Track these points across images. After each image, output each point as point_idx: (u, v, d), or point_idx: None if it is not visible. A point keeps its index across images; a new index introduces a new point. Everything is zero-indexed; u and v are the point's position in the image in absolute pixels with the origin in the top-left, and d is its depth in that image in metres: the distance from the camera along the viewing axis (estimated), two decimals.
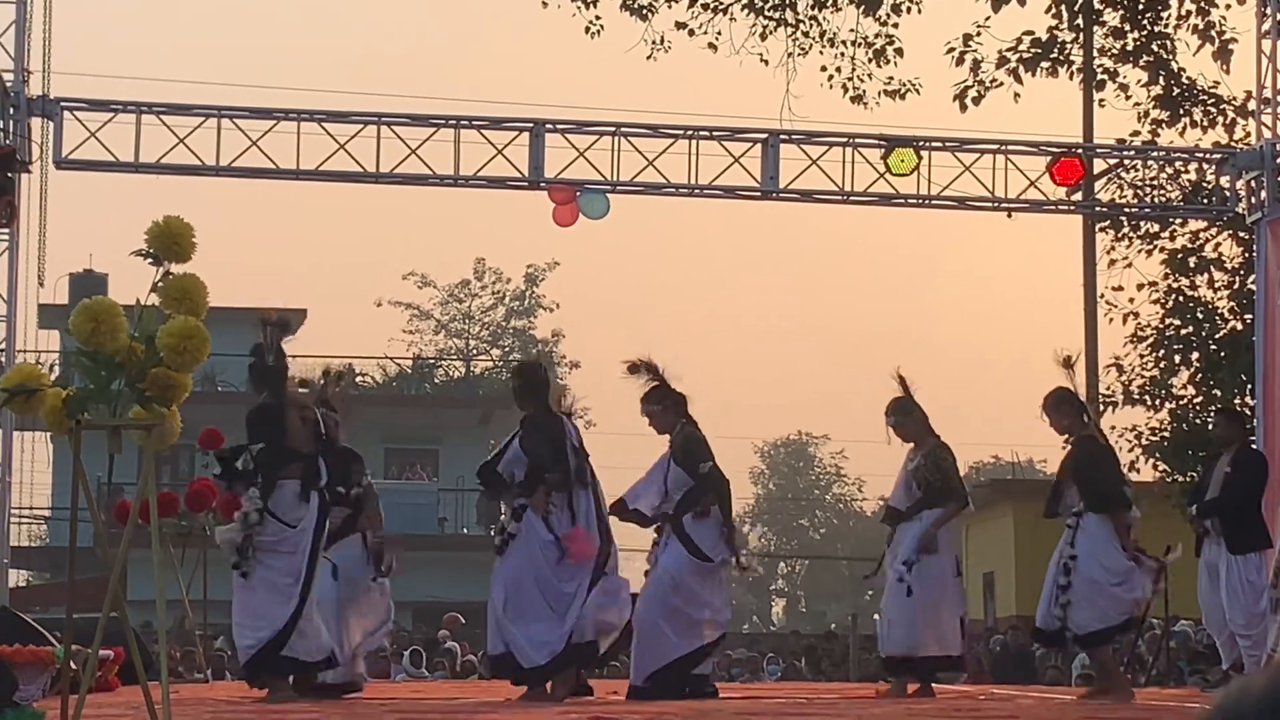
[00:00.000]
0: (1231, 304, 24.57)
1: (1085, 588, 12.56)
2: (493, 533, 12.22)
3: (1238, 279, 24.41)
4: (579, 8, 26.05)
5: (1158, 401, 24.71)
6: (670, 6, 26.29)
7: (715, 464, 12.48)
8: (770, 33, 26.06)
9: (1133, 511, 12.91)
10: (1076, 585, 12.59)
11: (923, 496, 12.95)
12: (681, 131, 18.69)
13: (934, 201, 19.01)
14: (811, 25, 26.04)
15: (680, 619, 12.28)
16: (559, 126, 18.49)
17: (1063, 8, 25.52)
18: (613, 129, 18.48)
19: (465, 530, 41.85)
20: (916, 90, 25.76)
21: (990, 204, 19.15)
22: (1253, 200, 18.51)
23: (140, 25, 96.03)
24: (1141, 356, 24.84)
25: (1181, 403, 24.75)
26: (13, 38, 18.05)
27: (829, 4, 26.04)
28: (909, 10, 26.05)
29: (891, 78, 25.83)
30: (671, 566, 12.30)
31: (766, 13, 26.10)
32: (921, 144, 18.72)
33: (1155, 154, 22.49)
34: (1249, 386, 20.50)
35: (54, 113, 17.83)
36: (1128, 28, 25.43)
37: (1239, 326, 23.71)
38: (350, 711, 9.36)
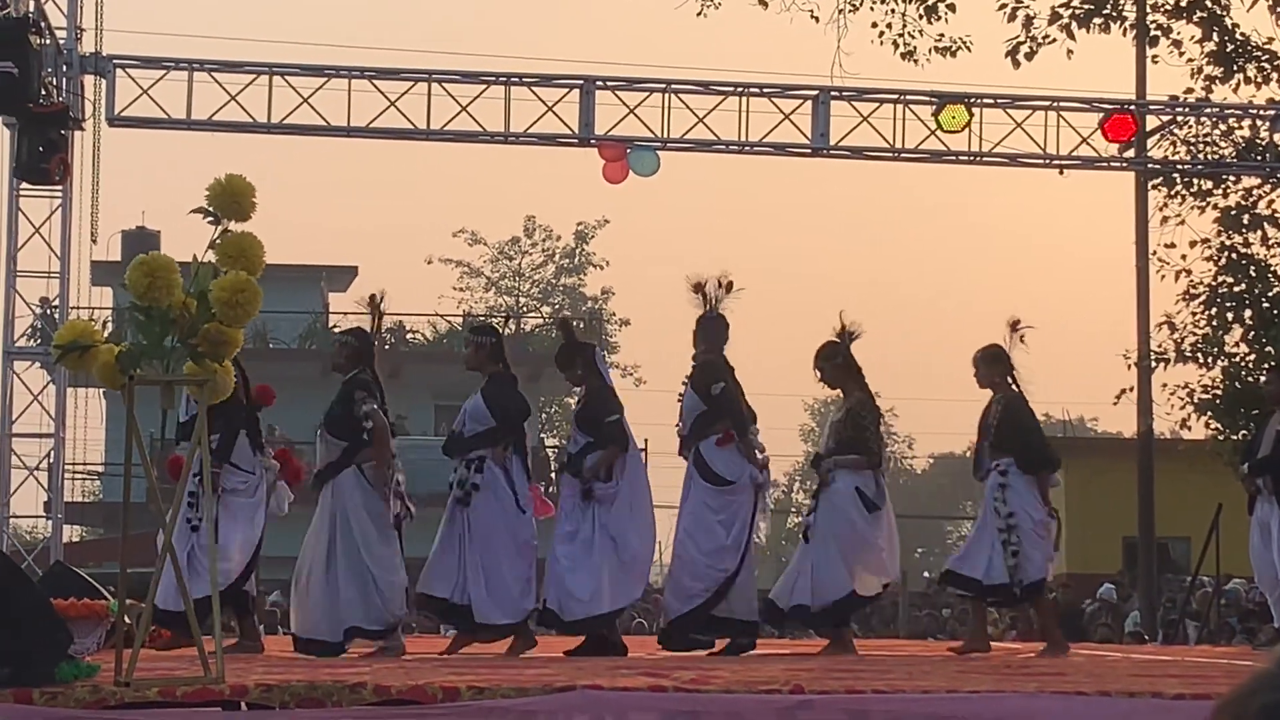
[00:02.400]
0: None
1: (1026, 541, 12.63)
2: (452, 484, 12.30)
3: None
4: None
5: (1210, 359, 24.61)
6: None
7: (729, 385, 12.33)
8: None
9: (1054, 476, 12.89)
10: (1021, 540, 12.64)
11: (835, 448, 12.61)
12: (732, 88, 18.66)
13: (985, 158, 18.96)
14: None
15: (699, 565, 12.26)
16: (609, 83, 18.48)
17: None
18: (663, 86, 18.47)
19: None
20: (968, 47, 25.59)
21: (1042, 161, 19.09)
22: None
23: None
24: (1194, 314, 24.73)
25: (1234, 360, 24.65)
26: None
27: None
28: None
29: (943, 34, 25.67)
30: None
31: None
32: (973, 101, 18.65)
33: (1209, 110, 22.36)
34: None
35: (106, 70, 17.90)
36: None
37: None
38: (401, 665, 9.42)
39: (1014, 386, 13.01)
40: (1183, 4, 25.14)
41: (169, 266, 7.52)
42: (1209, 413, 24.68)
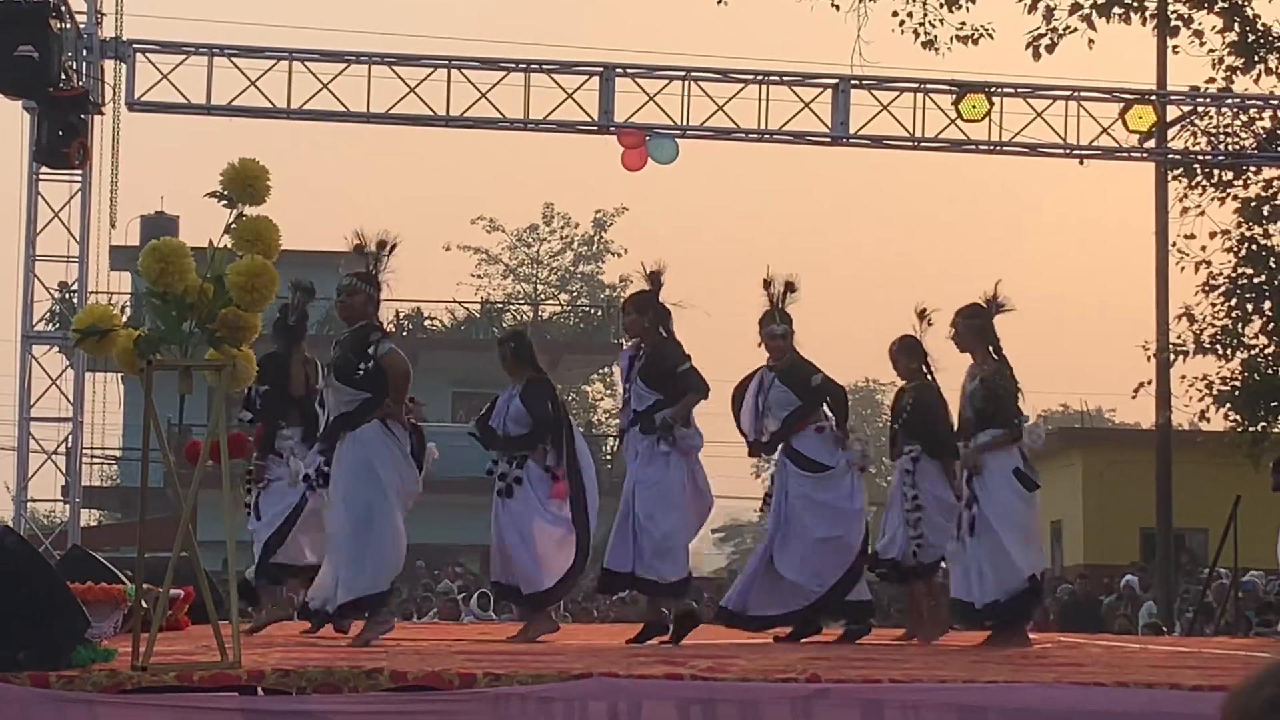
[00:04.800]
0: None
1: (930, 524, 12.59)
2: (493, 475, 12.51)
3: None
4: None
5: (1229, 351, 24.55)
6: None
7: (824, 377, 12.36)
8: None
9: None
10: (925, 522, 12.71)
11: (975, 421, 12.04)
12: (752, 76, 18.65)
13: (1005, 148, 18.93)
14: None
15: (828, 545, 12.19)
16: (629, 71, 18.47)
17: None
18: (683, 73, 18.45)
19: None
20: (989, 35, 25.51)
21: (1062, 151, 19.07)
22: None
23: None
24: (1213, 305, 24.68)
25: (1253, 352, 24.59)
26: None
27: None
28: None
29: (964, 23, 25.58)
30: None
31: None
32: (993, 90, 18.63)
33: (1229, 101, 22.29)
34: None
35: (126, 55, 17.92)
36: None
37: None
38: (418, 652, 9.42)
39: (929, 376, 13.04)
40: None
41: (181, 251, 7.53)
42: (1228, 405, 24.62)
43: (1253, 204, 24.53)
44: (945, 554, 12.55)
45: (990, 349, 12.23)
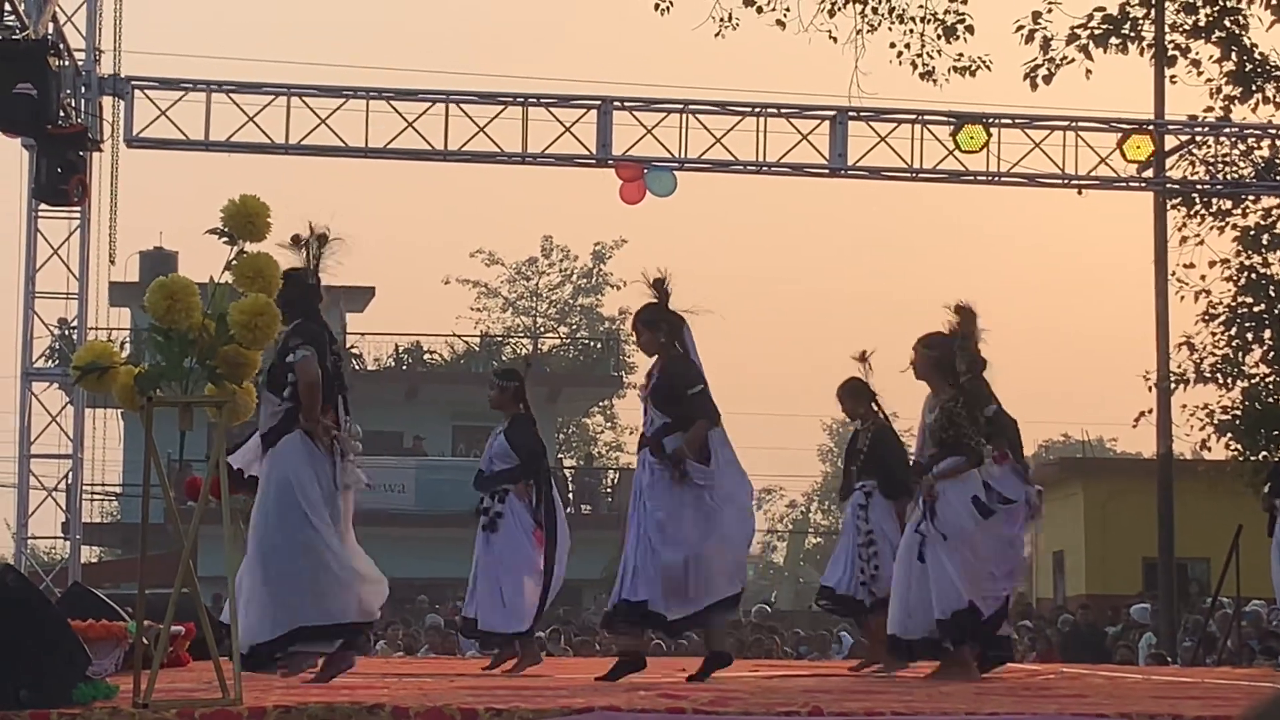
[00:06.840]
0: None
1: (884, 558, 12.67)
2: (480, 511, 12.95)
3: None
4: None
5: (1229, 380, 24.55)
6: None
7: (998, 408, 11.97)
8: (839, 9, 25.82)
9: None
10: (879, 556, 12.80)
11: (939, 453, 11.61)
12: (749, 109, 18.68)
13: (1004, 179, 18.96)
14: (881, 1, 25.86)
15: (975, 576, 11.58)
16: (627, 104, 18.50)
17: None
18: (680, 106, 18.48)
19: None
20: (987, 67, 25.52)
21: (1060, 181, 19.09)
22: None
23: (210, 4, 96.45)
24: (1213, 334, 24.68)
25: (1253, 381, 24.59)
26: (84, 17, 18.20)
27: None
28: None
29: (961, 54, 25.58)
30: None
31: None
32: (991, 121, 18.66)
33: (1228, 130, 22.32)
34: None
35: (125, 91, 17.96)
36: (1200, 3, 25.18)
37: None
38: (420, 687, 9.39)
39: (882, 415, 13.06)
40: (1201, 24, 25.10)
41: (189, 289, 7.52)
42: (1229, 434, 24.61)
43: (1252, 233, 24.56)
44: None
45: (948, 381, 11.68)
